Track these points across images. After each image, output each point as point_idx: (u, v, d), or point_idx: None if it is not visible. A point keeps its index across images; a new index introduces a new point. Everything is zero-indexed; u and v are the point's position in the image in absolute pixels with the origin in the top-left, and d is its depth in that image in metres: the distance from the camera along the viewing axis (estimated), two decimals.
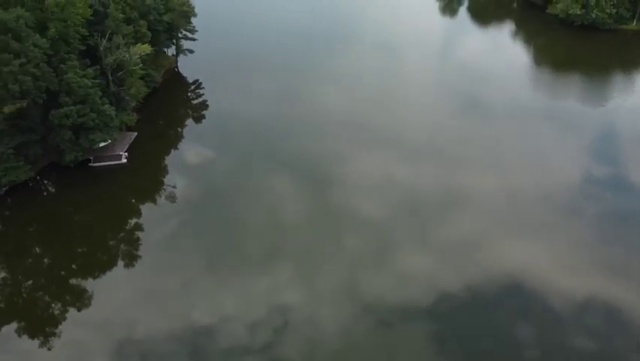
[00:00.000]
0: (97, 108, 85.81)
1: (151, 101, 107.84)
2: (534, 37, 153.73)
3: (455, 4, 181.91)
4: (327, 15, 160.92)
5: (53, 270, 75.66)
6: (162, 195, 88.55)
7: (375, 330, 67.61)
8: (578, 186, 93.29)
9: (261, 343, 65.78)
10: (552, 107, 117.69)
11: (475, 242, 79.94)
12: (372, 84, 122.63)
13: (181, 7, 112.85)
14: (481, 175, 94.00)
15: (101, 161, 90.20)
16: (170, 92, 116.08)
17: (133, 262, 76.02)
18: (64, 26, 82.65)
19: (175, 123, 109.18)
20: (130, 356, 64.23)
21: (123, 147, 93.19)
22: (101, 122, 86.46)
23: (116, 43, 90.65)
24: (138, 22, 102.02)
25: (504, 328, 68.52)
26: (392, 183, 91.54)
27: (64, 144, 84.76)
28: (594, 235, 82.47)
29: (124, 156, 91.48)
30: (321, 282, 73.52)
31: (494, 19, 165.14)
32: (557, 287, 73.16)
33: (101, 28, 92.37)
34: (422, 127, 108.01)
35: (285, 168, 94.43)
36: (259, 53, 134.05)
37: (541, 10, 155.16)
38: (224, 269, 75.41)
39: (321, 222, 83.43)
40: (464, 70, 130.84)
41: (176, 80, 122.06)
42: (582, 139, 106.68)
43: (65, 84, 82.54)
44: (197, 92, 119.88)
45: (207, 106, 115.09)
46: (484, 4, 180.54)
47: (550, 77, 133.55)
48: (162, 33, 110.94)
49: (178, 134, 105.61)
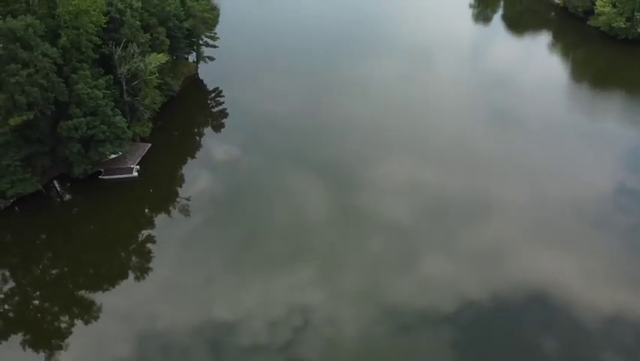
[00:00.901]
0: (108, 120, 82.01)
1: (167, 110, 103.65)
2: (573, 49, 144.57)
3: (489, 11, 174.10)
4: (355, 20, 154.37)
5: (63, 279, 73.57)
6: (174, 209, 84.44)
7: (395, 334, 66.63)
8: (609, 198, 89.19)
9: (280, 342, 65.81)
10: (588, 124, 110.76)
11: (501, 251, 77.67)
12: (400, 93, 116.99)
13: (202, 13, 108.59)
14: (510, 185, 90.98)
15: (111, 174, 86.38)
16: (189, 100, 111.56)
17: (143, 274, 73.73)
18: (76, 35, 78.96)
19: (192, 133, 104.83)
20: (152, 349, 65.05)
21: (135, 160, 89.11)
22: (111, 135, 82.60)
23: (131, 52, 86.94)
24: (157, 29, 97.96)
25: (527, 340, 66.23)
26: (418, 188, 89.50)
27: (73, 156, 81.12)
28: (624, 249, 78.81)
29: (135, 169, 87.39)
30: (342, 283, 72.95)
31: (530, 28, 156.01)
32: (584, 300, 70.66)
33: (116, 35, 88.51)
34: (448, 135, 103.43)
35: (311, 171, 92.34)
36: (283, 59, 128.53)
37: (581, 21, 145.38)
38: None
39: (344, 224, 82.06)
40: (496, 80, 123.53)
41: (196, 87, 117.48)
42: (617, 157, 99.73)
43: (75, 95, 78.85)
44: (217, 100, 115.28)
45: (227, 114, 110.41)
46: (520, 13, 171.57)
47: (588, 93, 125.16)
48: (182, 40, 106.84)
49: (195, 145, 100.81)
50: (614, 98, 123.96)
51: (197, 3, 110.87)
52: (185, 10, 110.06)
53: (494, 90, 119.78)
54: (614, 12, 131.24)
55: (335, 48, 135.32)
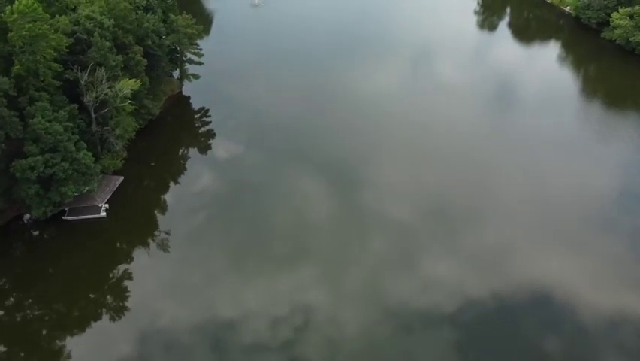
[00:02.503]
0: (70, 156, 71.47)
1: (145, 136, 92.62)
2: (585, 62, 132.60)
3: (495, 18, 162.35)
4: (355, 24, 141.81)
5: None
6: (145, 255, 74.09)
7: (396, 334, 65.52)
8: (613, 202, 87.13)
9: (281, 340, 64.46)
10: (597, 144, 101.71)
11: (504, 251, 76.32)
12: (400, 101, 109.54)
13: (185, 28, 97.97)
14: (510, 187, 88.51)
15: (76, 214, 75.91)
16: (171, 122, 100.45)
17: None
18: (32, 61, 68.67)
19: (173, 160, 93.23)
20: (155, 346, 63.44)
21: (104, 197, 78.62)
22: (75, 173, 72.12)
23: (99, 78, 76.54)
24: (133, 48, 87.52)
25: (529, 340, 65.14)
26: (420, 188, 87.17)
27: (30, 198, 70.96)
28: (627, 250, 77.51)
29: (103, 208, 76.96)
30: (344, 283, 71.46)
31: (538, 38, 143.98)
32: (586, 301, 69.64)
33: (83, 59, 78.00)
34: (448, 140, 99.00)
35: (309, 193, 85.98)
36: (279, 65, 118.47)
37: (594, 33, 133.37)
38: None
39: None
40: (500, 93, 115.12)
41: (180, 107, 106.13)
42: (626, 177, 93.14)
43: (31, 130, 68.71)
44: (203, 120, 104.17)
45: (214, 135, 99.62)
46: (527, 20, 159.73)
47: (600, 110, 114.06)
48: (162, 58, 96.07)
49: (175, 175, 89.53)
50: (630, 118, 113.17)
51: (180, 17, 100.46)
52: (167, 25, 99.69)
53: (498, 103, 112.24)
54: (631, 25, 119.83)
55: (337, 54, 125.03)
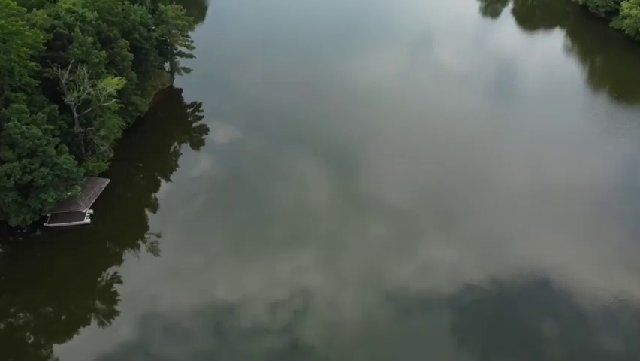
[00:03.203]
0: (50, 161, 66.58)
1: (133, 134, 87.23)
2: (591, 53, 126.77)
3: (499, 5, 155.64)
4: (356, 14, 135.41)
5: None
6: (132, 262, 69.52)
7: (396, 318, 65.05)
8: (614, 192, 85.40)
9: (281, 324, 63.79)
10: (604, 135, 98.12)
11: (502, 237, 75.62)
12: (400, 93, 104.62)
13: (175, 19, 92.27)
14: (512, 175, 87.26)
15: (59, 220, 71.28)
16: (162, 118, 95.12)
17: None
18: (6, 61, 63.40)
19: (163, 159, 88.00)
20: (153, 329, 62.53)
21: (89, 201, 73.86)
22: (55, 178, 67.41)
23: (81, 76, 71.38)
24: (119, 42, 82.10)
25: (528, 324, 64.95)
26: (418, 174, 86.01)
27: (8, 206, 66.21)
28: (626, 235, 77.09)
29: (87, 214, 72.29)
30: (343, 267, 70.65)
31: (543, 26, 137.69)
32: (585, 285, 69.25)
33: (65, 55, 72.93)
34: (447, 127, 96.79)
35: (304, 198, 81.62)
36: (274, 55, 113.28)
37: (602, 22, 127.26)
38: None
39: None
40: (502, 82, 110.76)
41: (172, 101, 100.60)
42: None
43: (6, 135, 63.92)
44: (196, 115, 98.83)
45: (207, 130, 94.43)
46: (532, 7, 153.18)
47: (606, 103, 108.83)
48: (151, 51, 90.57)
49: (165, 175, 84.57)
50: (637, 112, 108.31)
51: (170, 7, 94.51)
52: (156, 15, 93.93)
53: (496, 93, 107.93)
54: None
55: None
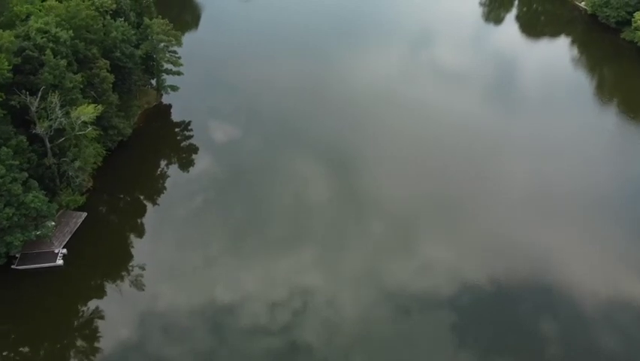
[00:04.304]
0: (16, 201, 59.10)
1: (115, 160, 79.81)
2: (600, 64, 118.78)
3: (502, 11, 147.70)
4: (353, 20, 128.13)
5: None
6: (104, 308, 62.54)
7: (395, 318, 63.58)
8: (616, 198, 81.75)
9: (280, 324, 62.30)
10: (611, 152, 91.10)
11: (502, 236, 73.57)
12: (398, 101, 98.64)
13: (157, 35, 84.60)
14: (513, 170, 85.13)
15: (28, 262, 63.89)
16: (147, 141, 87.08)
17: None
18: None
19: (145, 188, 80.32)
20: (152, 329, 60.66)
21: (63, 239, 66.41)
22: (22, 219, 60.25)
23: (53, 104, 63.98)
24: (97, 62, 74.75)
25: (528, 324, 63.30)
26: (418, 172, 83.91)
27: None
28: (626, 235, 74.89)
29: (60, 255, 64.87)
30: (342, 265, 69.15)
31: (549, 34, 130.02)
32: (584, 285, 67.74)
33: (35, 80, 65.52)
34: (447, 127, 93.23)
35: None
36: (270, 58, 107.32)
37: (612, 33, 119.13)
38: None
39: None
40: (505, 91, 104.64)
41: (159, 121, 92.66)
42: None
43: None
44: (185, 134, 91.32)
45: (197, 149, 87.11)
46: (537, 14, 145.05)
47: (616, 118, 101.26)
48: (135, 70, 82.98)
49: (147, 206, 76.96)
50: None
51: (155, 21, 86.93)
52: (141, 30, 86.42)
53: (499, 102, 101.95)
54: None
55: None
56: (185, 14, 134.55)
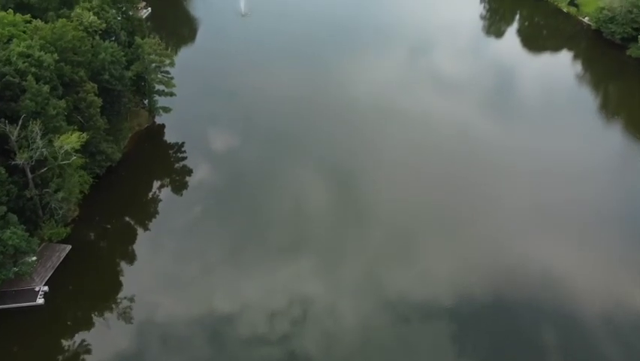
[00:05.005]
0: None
1: (104, 186, 75.21)
2: (604, 81, 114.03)
3: (503, 24, 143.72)
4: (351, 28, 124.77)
5: None
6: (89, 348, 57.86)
7: (395, 326, 62.54)
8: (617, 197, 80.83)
9: (279, 333, 61.10)
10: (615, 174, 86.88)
11: (502, 246, 72.24)
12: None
13: (149, 56, 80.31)
14: (512, 182, 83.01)
15: (5, 301, 59.18)
16: (138, 164, 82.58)
17: None
18: None
19: (135, 215, 75.68)
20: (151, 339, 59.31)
21: (44, 275, 61.74)
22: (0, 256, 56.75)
23: (33, 133, 59.76)
24: (84, 85, 70.70)
25: (527, 332, 62.23)
26: (419, 185, 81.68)
27: None
28: (627, 243, 73.24)
29: (41, 293, 60.26)
30: (341, 274, 67.92)
31: (552, 50, 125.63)
32: (585, 293, 66.48)
33: (16, 107, 61.48)
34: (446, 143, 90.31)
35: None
36: (268, 75, 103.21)
37: (617, 49, 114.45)
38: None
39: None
40: (503, 107, 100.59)
41: (151, 142, 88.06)
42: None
43: None
44: (178, 156, 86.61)
45: (190, 171, 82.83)
46: (539, 28, 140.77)
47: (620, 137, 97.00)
48: (125, 93, 78.43)
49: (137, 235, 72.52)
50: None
51: (147, 41, 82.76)
52: (132, 51, 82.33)
53: (499, 118, 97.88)
54: None
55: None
56: (182, 28, 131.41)
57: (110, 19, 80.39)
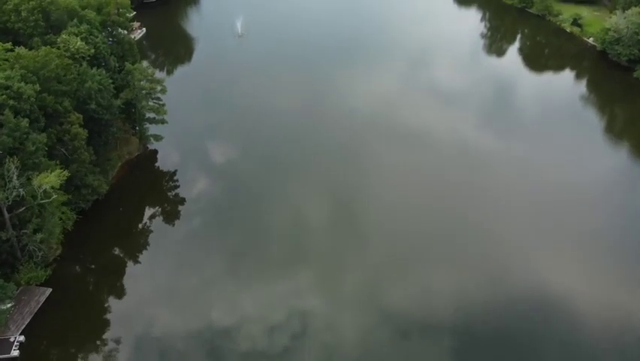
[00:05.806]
0: None
1: (89, 221, 70.21)
2: (610, 103, 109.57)
3: (504, 43, 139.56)
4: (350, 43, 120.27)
5: None
6: None
7: (394, 340, 61.09)
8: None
9: (278, 347, 59.52)
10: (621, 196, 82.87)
11: (501, 259, 70.76)
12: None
13: (139, 82, 75.60)
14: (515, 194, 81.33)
15: None
16: (127, 195, 77.58)
17: None
18: None
19: (123, 250, 70.44)
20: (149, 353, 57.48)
21: (21, 323, 56.31)
22: None
23: (10, 171, 55.11)
24: (68, 116, 66.00)
25: (527, 347, 60.80)
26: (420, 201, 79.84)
27: None
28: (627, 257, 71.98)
29: (16, 343, 54.77)
30: (341, 288, 66.70)
31: (555, 70, 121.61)
32: (585, 308, 65.13)
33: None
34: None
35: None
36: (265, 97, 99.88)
37: (625, 71, 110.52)
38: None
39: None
40: (505, 127, 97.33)
41: (142, 170, 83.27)
42: None
43: None
44: (170, 185, 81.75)
45: (183, 200, 77.77)
46: (542, 46, 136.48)
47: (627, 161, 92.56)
48: (113, 122, 73.85)
49: (124, 273, 66.96)
50: None
51: (137, 67, 78.20)
52: (122, 77, 77.81)
53: (502, 139, 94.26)
54: None
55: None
56: (178, 48, 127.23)
57: (99, 44, 75.83)
